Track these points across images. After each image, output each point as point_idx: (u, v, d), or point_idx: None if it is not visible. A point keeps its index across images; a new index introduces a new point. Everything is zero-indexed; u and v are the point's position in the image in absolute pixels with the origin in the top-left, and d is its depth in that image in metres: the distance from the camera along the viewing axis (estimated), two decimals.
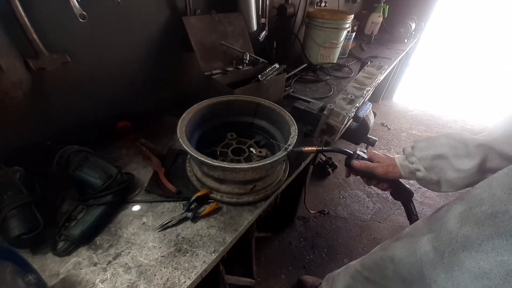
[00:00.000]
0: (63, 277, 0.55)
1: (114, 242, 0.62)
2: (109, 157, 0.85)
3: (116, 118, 0.93)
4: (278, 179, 0.78)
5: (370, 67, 1.11)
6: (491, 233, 0.40)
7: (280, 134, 0.85)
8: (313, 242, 1.66)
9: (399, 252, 0.62)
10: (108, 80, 0.88)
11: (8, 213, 0.56)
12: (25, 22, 0.59)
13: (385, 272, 0.67)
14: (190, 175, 0.78)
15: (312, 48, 1.67)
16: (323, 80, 1.54)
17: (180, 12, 0.97)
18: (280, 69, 1.10)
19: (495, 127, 0.53)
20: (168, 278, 0.56)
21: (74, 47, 0.74)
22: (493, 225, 0.40)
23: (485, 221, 0.42)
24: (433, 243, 0.52)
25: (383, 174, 0.65)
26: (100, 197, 0.65)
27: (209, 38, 1.04)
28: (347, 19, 1.53)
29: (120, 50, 0.86)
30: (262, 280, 1.44)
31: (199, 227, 0.67)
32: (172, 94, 1.13)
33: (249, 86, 0.99)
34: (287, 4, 1.44)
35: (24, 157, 0.74)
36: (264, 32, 1.35)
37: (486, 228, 0.41)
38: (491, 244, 0.40)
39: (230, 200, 0.72)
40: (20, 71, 0.61)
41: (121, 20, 0.82)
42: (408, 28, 2.30)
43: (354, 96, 0.90)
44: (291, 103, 1.14)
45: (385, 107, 3.28)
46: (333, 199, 1.97)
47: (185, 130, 0.70)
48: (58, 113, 0.81)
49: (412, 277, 0.56)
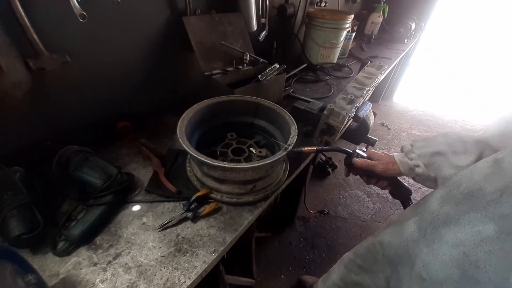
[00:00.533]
0: (63, 277, 0.55)
1: (114, 242, 0.62)
2: (109, 157, 0.85)
3: (116, 118, 0.93)
4: (278, 179, 0.78)
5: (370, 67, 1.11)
6: (468, 208, 0.44)
7: (280, 134, 0.85)
8: (313, 242, 1.66)
9: (387, 236, 0.65)
10: (108, 80, 0.88)
11: (8, 213, 0.56)
12: (25, 22, 0.59)
13: (375, 257, 0.69)
14: (190, 175, 0.78)
15: (312, 48, 1.67)
16: (323, 80, 1.54)
17: (180, 12, 0.97)
18: (280, 69, 1.10)
19: (491, 124, 0.56)
20: (168, 278, 0.56)
21: (74, 47, 0.74)
22: (469, 202, 0.45)
23: (462, 200, 0.46)
24: (418, 224, 0.55)
25: (382, 171, 0.66)
26: (100, 197, 0.65)
27: (209, 38, 1.04)
28: (347, 19, 1.53)
29: (120, 50, 0.86)
30: (262, 280, 1.44)
31: (199, 227, 0.67)
32: (172, 94, 1.13)
33: (249, 86, 0.99)
34: (287, 4, 1.44)
35: (24, 157, 0.74)
36: (264, 32, 1.35)
37: (463, 205, 0.46)
38: (467, 218, 0.44)
39: (230, 200, 0.72)
40: (20, 71, 0.61)
41: (121, 20, 0.82)
42: (408, 28, 2.30)
43: (354, 96, 0.90)
44: (291, 103, 1.14)
45: (385, 107, 3.28)
46: (333, 199, 1.97)
47: (185, 130, 0.69)
48: (58, 113, 0.81)
49: (399, 257, 0.59)
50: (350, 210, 1.90)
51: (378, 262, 0.68)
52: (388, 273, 0.64)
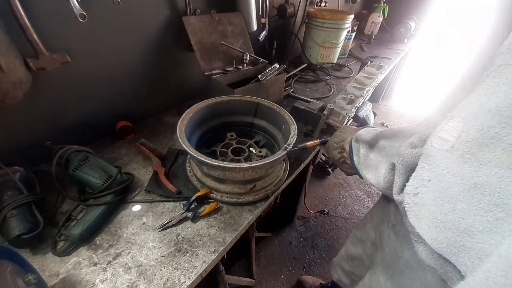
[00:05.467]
0: (63, 277, 0.55)
1: (114, 242, 0.62)
2: (109, 157, 0.85)
3: (116, 118, 0.93)
4: (278, 179, 0.78)
5: (370, 67, 1.11)
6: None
7: (280, 134, 0.85)
8: (313, 242, 1.66)
9: (374, 211, 0.72)
10: (108, 80, 0.88)
11: (8, 213, 0.56)
12: (25, 22, 0.59)
13: (365, 226, 0.74)
14: (190, 175, 0.78)
15: (312, 48, 1.67)
16: (323, 80, 1.54)
17: (180, 12, 0.97)
18: (280, 69, 1.10)
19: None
20: (168, 278, 0.56)
21: (74, 47, 0.74)
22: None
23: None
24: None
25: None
26: (100, 197, 0.65)
27: (209, 38, 1.04)
28: (347, 19, 1.53)
29: (120, 50, 0.86)
30: (262, 280, 1.44)
31: (199, 227, 0.67)
32: (172, 94, 1.13)
33: (249, 86, 0.99)
34: (287, 4, 1.44)
35: (24, 157, 0.74)
36: (264, 32, 1.35)
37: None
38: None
39: (230, 200, 0.72)
40: (20, 71, 0.61)
41: (121, 20, 0.82)
42: (408, 28, 2.30)
43: (354, 96, 0.90)
44: (291, 103, 1.14)
45: (385, 107, 3.28)
46: (333, 199, 1.97)
47: (185, 130, 0.70)
48: (58, 113, 0.81)
49: (380, 220, 0.64)
50: (350, 210, 1.90)
51: (367, 231, 0.73)
52: (373, 238, 0.68)
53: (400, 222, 0.52)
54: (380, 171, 0.49)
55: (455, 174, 0.31)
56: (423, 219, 0.34)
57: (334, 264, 0.99)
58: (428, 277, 0.43)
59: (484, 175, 0.28)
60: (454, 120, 0.33)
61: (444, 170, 0.32)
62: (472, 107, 0.31)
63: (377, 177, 0.50)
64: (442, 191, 0.32)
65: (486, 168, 0.28)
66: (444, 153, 0.33)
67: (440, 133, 0.34)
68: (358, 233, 0.81)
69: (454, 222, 0.30)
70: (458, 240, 0.30)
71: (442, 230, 0.32)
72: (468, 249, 0.29)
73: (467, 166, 0.30)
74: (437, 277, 0.41)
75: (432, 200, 0.33)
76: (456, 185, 0.30)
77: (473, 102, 0.32)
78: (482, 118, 0.29)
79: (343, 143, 0.64)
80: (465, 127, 0.31)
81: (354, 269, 0.83)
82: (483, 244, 0.28)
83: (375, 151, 0.54)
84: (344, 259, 0.89)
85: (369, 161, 0.54)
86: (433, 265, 0.35)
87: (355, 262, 0.81)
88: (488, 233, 0.28)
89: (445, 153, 0.33)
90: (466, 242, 0.29)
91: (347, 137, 0.63)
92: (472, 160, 0.29)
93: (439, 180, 0.33)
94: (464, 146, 0.30)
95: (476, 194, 0.28)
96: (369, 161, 0.54)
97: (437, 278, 0.41)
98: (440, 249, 0.32)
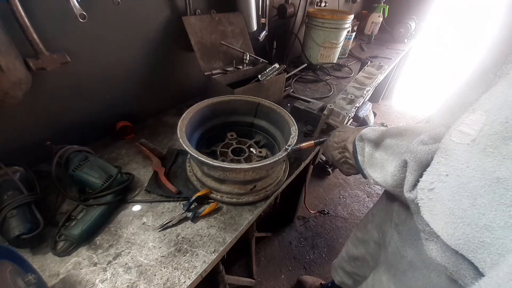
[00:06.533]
0: (63, 277, 0.55)
1: (114, 242, 0.62)
2: (109, 157, 0.85)
3: (116, 118, 0.93)
4: (278, 179, 0.78)
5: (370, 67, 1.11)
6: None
7: (280, 134, 0.85)
8: (313, 242, 1.66)
9: (375, 210, 0.73)
10: (108, 80, 0.88)
11: (8, 213, 0.56)
12: (25, 22, 0.59)
13: (367, 226, 0.74)
14: (190, 175, 0.78)
15: (312, 48, 1.67)
16: (323, 80, 1.54)
17: (180, 12, 0.97)
18: (280, 69, 1.10)
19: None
20: (168, 278, 0.56)
21: (74, 47, 0.74)
22: None
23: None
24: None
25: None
26: (100, 197, 0.65)
27: (209, 38, 1.04)
28: (347, 19, 1.53)
29: (120, 50, 0.86)
30: (262, 280, 1.44)
31: (199, 227, 0.67)
32: (172, 94, 1.13)
33: (249, 86, 0.99)
34: (287, 4, 1.44)
35: (24, 157, 0.74)
36: (264, 32, 1.35)
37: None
38: None
39: (230, 200, 0.72)
40: (20, 71, 0.61)
41: (121, 20, 0.82)
42: (408, 28, 2.30)
43: (354, 96, 0.90)
44: (291, 103, 1.14)
45: (385, 107, 3.28)
46: (333, 199, 1.97)
47: (185, 130, 0.69)
48: (58, 113, 0.81)
49: (382, 219, 0.64)
50: (350, 210, 1.90)
51: (369, 231, 0.72)
52: (376, 237, 0.68)
53: (403, 222, 0.52)
54: (387, 170, 0.48)
55: (476, 169, 0.30)
56: (438, 215, 0.33)
57: (334, 266, 0.99)
58: (432, 277, 0.43)
59: (507, 169, 0.27)
60: (476, 113, 0.32)
61: (464, 165, 0.31)
62: (496, 99, 0.30)
63: (384, 176, 0.49)
64: (460, 186, 0.31)
65: (509, 162, 0.27)
66: (464, 147, 0.32)
67: (460, 127, 0.33)
68: (359, 233, 0.81)
69: (473, 217, 0.30)
70: (478, 236, 0.29)
71: (460, 226, 0.31)
72: (487, 245, 0.28)
73: (489, 160, 0.29)
74: (442, 277, 0.41)
75: (449, 195, 0.32)
76: (477, 180, 0.30)
77: (497, 94, 0.31)
78: (506, 111, 0.28)
79: (344, 143, 0.63)
80: (488, 120, 0.30)
81: (356, 269, 0.83)
82: (504, 240, 0.27)
83: (381, 149, 0.53)
84: (345, 260, 0.89)
85: (374, 160, 0.53)
86: (444, 263, 0.35)
87: (357, 263, 0.81)
88: (510, 228, 0.27)
89: (466, 147, 0.32)
90: (486, 238, 0.28)
91: (349, 137, 0.62)
92: (495, 154, 0.28)
93: (458, 174, 0.32)
94: (487, 139, 0.29)
95: (498, 189, 0.28)
96: (374, 160, 0.53)
97: (441, 277, 0.41)
98: (457, 246, 0.31)
